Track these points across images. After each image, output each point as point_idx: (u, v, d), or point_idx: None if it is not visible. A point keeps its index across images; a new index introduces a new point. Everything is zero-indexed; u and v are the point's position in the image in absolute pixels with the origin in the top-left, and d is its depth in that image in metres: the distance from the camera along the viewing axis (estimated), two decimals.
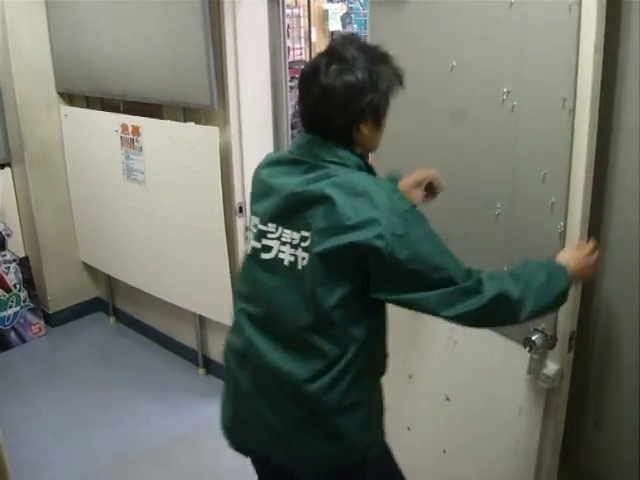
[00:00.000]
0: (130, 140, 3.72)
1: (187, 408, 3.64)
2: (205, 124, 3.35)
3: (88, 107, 4.16)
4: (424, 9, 1.57)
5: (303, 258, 1.63)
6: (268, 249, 1.71)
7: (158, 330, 4.26)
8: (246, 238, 1.79)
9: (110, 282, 4.53)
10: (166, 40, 3.32)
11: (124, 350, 4.28)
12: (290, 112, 3.68)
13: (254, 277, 1.76)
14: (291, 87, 4.28)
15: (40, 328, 4.46)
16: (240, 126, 3.32)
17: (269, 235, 1.70)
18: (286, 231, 1.67)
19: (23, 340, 4.38)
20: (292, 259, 1.65)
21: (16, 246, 4.39)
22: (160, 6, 3.29)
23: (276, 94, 3.47)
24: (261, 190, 1.77)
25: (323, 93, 1.61)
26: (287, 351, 1.68)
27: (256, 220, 1.75)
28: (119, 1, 3.53)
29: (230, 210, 3.39)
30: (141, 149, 3.67)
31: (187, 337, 4.00)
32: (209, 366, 3.93)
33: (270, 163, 1.79)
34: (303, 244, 1.63)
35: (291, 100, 3.60)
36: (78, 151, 4.23)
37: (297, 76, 1.75)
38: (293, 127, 4.42)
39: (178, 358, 4.09)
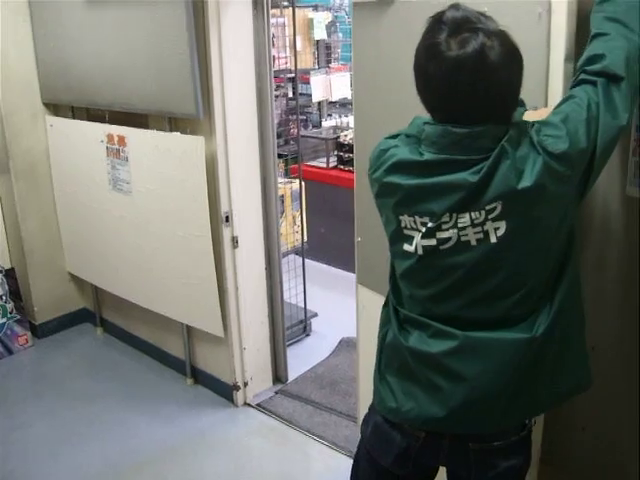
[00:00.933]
0: (116, 150, 3.71)
1: (176, 418, 3.63)
2: (191, 134, 3.34)
3: (74, 117, 4.15)
4: (406, 11, 1.57)
5: (497, 228, 1.57)
6: (445, 240, 1.62)
7: (146, 341, 4.24)
8: (401, 239, 1.68)
9: (97, 293, 4.51)
10: (151, 50, 3.32)
11: (112, 361, 4.26)
12: (276, 121, 3.69)
13: (440, 270, 1.66)
14: (276, 96, 4.29)
15: (27, 339, 4.44)
16: (226, 135, 3.32)
17: (444, 227, 1.61)
18: (463, 215, 1.58)
19: (10, 352, 4.36)
20: (480, 236, 1.58)
21: (2, 257, 4.38)
22: (145, 16, 3.28)
23: (262, 103, 3.48)
24: (418, 193, 1.63)
25: (498, 73, 1.50)
26: (504, 323, 1.65)
27: (424, 219, 1.63)
28: (104, 11, 3.52)
29: (217, 219, 3.38)
30: (127, 159, 3.66)
31: (175, 347, 3.99)
32: (197, 376, 3.92)
33: (409, 168, 1.65)
34: (491, 215, 1.56)
35: (276, 109, 3.61)
36: (64, 161, 4.22)
37: (282, 85, 1.69)
38: (279, 136, 4.44)
39: (166, 368, 4.08)
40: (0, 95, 4.07)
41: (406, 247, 1.68)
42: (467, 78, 1.49)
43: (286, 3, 4.68)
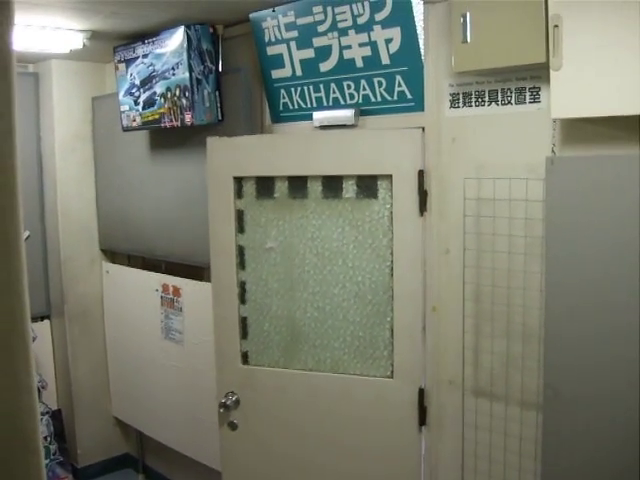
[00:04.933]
0: (170, 300, 3.80)
1: None
2: None
3: (129, 265, 4.29)
4: None
5: None
6: None
7: None
8: None
9: (141, 439, 4.50)
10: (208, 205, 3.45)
11: None
12: None
13: None
14: None
15: None
16: None
17: None
18: None
19: None
20: None
21: (50, 398, 4.40)
22: (202, 172, 3.43)
23: None
24: None
25: None
26: None
27: None
28: (166, 167, 3.70)
29: None
30: (181, 309, 3.74)
31: None
32: None
33: None
34: None
35: None
36: (117, 307, 4.33)
37: None
38: None
39: None
40: (60, 242, 4.26)
41: None
42: None
43: None
